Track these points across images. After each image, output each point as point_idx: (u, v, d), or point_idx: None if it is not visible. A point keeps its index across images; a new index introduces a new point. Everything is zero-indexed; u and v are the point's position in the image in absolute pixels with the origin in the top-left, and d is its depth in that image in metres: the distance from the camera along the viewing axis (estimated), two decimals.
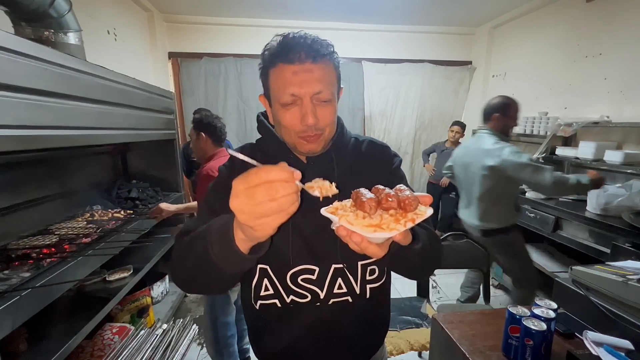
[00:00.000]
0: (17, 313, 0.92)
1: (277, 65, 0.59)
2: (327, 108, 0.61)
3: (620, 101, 2.33)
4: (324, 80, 0.59)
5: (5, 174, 1.41)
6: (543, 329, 0.73)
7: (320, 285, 0.67)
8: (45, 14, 1.31)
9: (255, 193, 0.38)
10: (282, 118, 0.61)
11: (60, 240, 1.30)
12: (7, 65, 0.95)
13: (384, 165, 0.74)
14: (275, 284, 0.68)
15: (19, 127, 0.99)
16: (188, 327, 1.31)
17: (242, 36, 3.48)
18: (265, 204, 0.38)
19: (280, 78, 0.59)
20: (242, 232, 0.44)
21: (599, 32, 2.47)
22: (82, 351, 1.36)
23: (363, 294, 0.70)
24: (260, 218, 0.39)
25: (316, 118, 0.59)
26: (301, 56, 0.57)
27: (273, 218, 0.39)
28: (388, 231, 0.40)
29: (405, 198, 0.44)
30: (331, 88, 0.61)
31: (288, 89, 0.58)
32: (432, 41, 3.79)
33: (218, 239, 0.48)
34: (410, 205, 0.43)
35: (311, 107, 0.59)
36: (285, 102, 0.59)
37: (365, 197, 0.44)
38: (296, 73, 0.58)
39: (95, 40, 2.17)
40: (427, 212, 0.44)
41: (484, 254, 1.71)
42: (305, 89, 0.58)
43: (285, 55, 0.58)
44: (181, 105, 3.51)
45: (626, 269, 0.93)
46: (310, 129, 0.60)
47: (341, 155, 0.71)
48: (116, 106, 1.55)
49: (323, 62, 0.59)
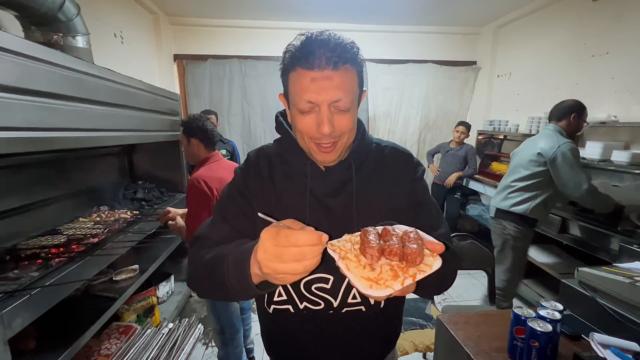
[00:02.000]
0: (26, 312, 0.93)
1: (296, 69, 0.57)
2: (345, 116, 0.59)
3: (628, 101, 2.30)
4: (344, 88, 0.56)
5: (16, 175, 1.44)
6: (549, 330, 0.72)
7: (334, 294, 0.67)
8: (54, 18, 1.34)
9: (284, 254, 0.40)
10: (298, 123, 0.60)
11: (68, 241, 1.32)
12: (17, 69, 0.97)
13: (406, 173, 0.71)
14: (289, 291, 0.68)
15: (29, 129, 1.01)
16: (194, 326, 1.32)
17: (246, 38, 3.50)
18: (291, 265, 0.41)
19: (299, 83, 0.57)
20: (260, 271, 0.45)
21: (606, 31, 2.44)
22: (89, 350, 1.38)
23: (377, 303, 0.69)
24: (283, 274, 0.42)
25: (332, 126, 0.57)
26: (321, 62, 0.54)
27: (295, 276, 0.42)
28: (383, 288, 0.39)
29: (410, 252, 0.42)
30: (351, 96, 0.58)
31: (305, 95, 0.56)
32: (436, 41, 3.78)
33: (235, 270, 0.51)
34: (413, 261, 0.42)
35: (328, 115, 0.57)
36: (302, 109, 0.57)
37: (370, 246, 0.43)
38: (314, 80, 0.55)
39: (102, 43, 2.21)
40: (434, 266, 0.42)
41: (489, 255, 1.70)
42: (323, 96, 0.55)
43: (305, 60, 0.55)
44: (186, 106, 3.54)
45: (633, 271, 0.91)
46: (326, 137, 0.58)
47: (360, 161, 0.69)
48: (123, 108, 1.57)
49: (344, 68, 0.56)
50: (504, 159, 3.25)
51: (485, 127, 3.53)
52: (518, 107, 3.35)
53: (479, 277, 2.90)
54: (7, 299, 0.90)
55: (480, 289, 2.74)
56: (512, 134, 3.20)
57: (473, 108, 3.96)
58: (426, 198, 0.72)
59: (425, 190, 0.73)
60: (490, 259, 1.71)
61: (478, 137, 3.69)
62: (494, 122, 3.40)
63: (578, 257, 2.29)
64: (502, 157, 3.30)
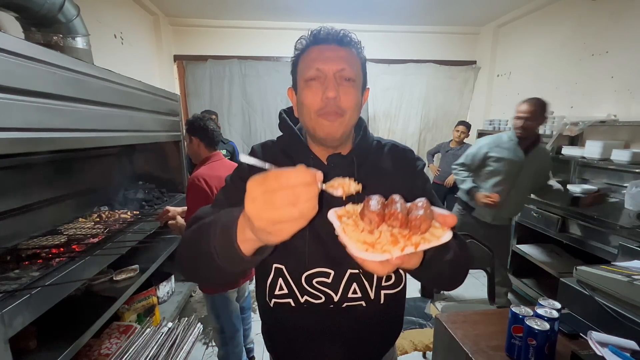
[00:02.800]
0: (27, 311, 0.94)
1: (306, 50, 0.64)
2: (350, 88, 0.62)
3: (628, 100, 2.30)
4: (349, 60, 0.62)
5: (16, 175, 1.45)
6: (546, 328, 0.72)
7: (334, 288, 0.68)
8: (54, 19, 1.34)
9: (275, 198, 0.34)
10: (304, 96, 0.62)
11: (68, 241, 1.33)
12: (18, 70, 0.97)
13: (407, 168, 0.73)
14: (290, 284, 0.69)
15: (29, 130, 1.01)
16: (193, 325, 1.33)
17: (246, 38, 3.51)
18: (286, 210, 0.34)
19: (308, 57, 0.63)
20: (252, 233, 0.40)
21: (605, 30, 2.44)
22: (89, 349, 1.39)
23: (377, 299, 0.70)
24: (279, 224, 0.36)
25: (337, 93, 0.60)
26: (328, 39, 0.62)
27: (292, 224, 0.36)
28: (380, 253, 0.35)
29: (413, 218, 0.37)
30: (355, 70, 0.63)
31: (313, 63, 0.61)
32: (436, 41, 3.78)
33: (221, 236, 0.45)
34: (417, 227, 0.37)
35: (334, 82, 0.60)
36: (310, 76, 0.61)
37: (369, 210, 0.39)
38: (322, 51, 0.62)
39: (102, 44, 2.22)
40: (443, 238, 0.37)
41: (488, 254, 1.70)
42: (329, 64, 0.60)
43: (315, 41, 0.63)
44: (187, 107, 3.55)
45: (631, 269, 0.92)
46: (330, 103, 0.60)
47: (363, 158, 0.71)
48: (123, 108, 1.58)
49: (349, 48, 0.63)
50: None
51: (485, 127, 3.53)
52: None
53: (479, 277, 2.90)
54: (7, 298, 0.90)
55: (480, 289, 2.74)
56: None
57: (473, 107, 3.97)
58: (428, 191, 0.74)
59: (427, 183, 0.75)
60: (490, 258, 1.71)
61: (478, 137, 3.69)
62: (493, 121, 3.40)
63: (578, 256, 2.29)
64: None
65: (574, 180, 2.51)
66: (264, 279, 0.71)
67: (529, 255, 2.41)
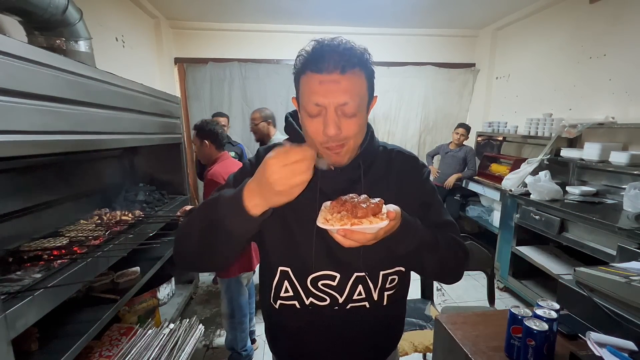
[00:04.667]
0: (28, 313, 0.95)
1: (306, 73, 0.59)
2: (351, 120, 0.59)
3: (626, 102, 2.31)
4: (351, 92, 0.57)
5: (19, 178, 1.45)
6: (545, 329, 0.73)
7: (340, 291, 0.69)
8: (57, 23, 1.36)
9: (295, 168, 0.47)
10: (307, 127, 0.62)
11: (70, 242, 1.33)
12: (21, 73, 0.98)
13: (414, 175, 0.74)
14: (296, 287, 0.69)
15: (32, 133, 1.02)
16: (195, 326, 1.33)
17: (246, 41, 3.53)
18: (301, 177, 0.48)
19: (307, 86, 0.59)
20: (261, 198, 0.51)
21: (603, 33, 2.46)
22: (90, 351, 1.39)
23: (380, 300, 0.71)
24: (295, 187, 0.48)
25: (339, 129, 0.58)
26: (329, 66, 0.56)
27: (301, 187, 0.49)
28: (329, 225, 0.52)
29: (354, 207, 0.54)
30: (357, 100, 0.58)
31: (313, 98, 0.58)
32: (435, 44, 3.80)
33: (230, 204, 0.53)
34: (355, 215, 0.53)
35: (334, 119, 0.58)
36: (310, 111, 0.59)
37: (333, 202, 0.58)
38: (322, 83, 0.57)
39: (104, 47, 2.23)
40: (375, 224, 0.51)
41: (488, 256, 1.71)
42: (329, 99, 0.57)
43: (314, 64, 0.57)
44: (187, 109, 3.56)
45: (630, 270, 0.92)
46: (332, 139, 0.59)
47: (369, 163, 0.71)
48: (124, 111, 1.59)
49: (352, 72, 0.57)
50: (504, 160, 3.26)
51: (484, 129, 3.55)
52: (516, 108, 3.37)
53: (479, 279, 2.90)
54: (10, 300, 0.91)
55: (480, 290, 2.74)
56: (511, 135, 3.22)
57: (472, 110, 3.98)
58: (435, 198, 0.76)
59: (434, 191, 0.77)
60: (490, 260, 1.72)
61: (477, 139, 3.71)
62: (492, 123, 3.42)
63: (577, 257, 2.29)
64: (501, 159, 3.31)
65: (573, 182, 2.52)
66: (269, 281, 0.72)
67: (528, 257, 2.42)
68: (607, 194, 2.30)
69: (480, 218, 3.33)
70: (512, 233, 2.57)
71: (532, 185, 2.34)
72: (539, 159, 2.57)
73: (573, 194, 2.31)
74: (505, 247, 2.67)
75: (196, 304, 2.60)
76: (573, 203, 2.20)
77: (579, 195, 2.27)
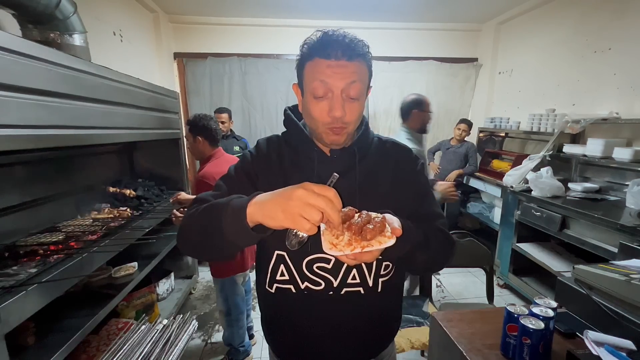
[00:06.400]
0: (23, 307, 0.95)
1: (314, 58, 0.62)
2: (354, 104, 0.64)
3: (630, 97, 2.27)
4: (356, 77, 0.61)
5: (15, 172, 1.45)
6: (541, 327, 0.72)
7: (334, 274, 0.70)
8: (51, 16, 1.34)
9: (320, 201, 0.48)
10: (312, 110, 0.64)
11: (66, 237, 1.33)
12: (14, 67, 0.97)
13: (407, 167, 0.76)
14: (291, 270, 0.71)
15: (26, 127, 1.01)
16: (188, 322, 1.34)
17: (246, 36, 3.50)
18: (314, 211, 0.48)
19: (316, 70, 0.62)
20: (261, 218, 0.51)
21: (608, 26, 2.41)
22: (88, 345, 1.40)
23: (375, 287, 0.72)
24: (300, 216, 0.48)
25: (344, 112, 0.62)
26: (337, 53, 0.60)
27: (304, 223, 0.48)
28: (337, 251, 0.51)
29: (364, 230, 0.53)
30: (361, 86, 0.63)
31: (321, 80, 0.61)
32: (437, 38, 3.75)
33: (232, 217, 0.54)
34: (364, 237, 0.52)
35: (340, 101, 0.62)
36: (317, 94, 0.62)
37: None
38: (330, 67, 0.60)
39: (101, 41, 2.21)
40: (384, 244, 0.51)
41: (487, 253, 1.70)
42: (337, 82, 0.60)
43: (323, 50, 0.61)
44: (187, 104, 3.55)
45: (630, 268, 0.91)
46: (337, 121, 0.63)
47: (364, 152, 0.74)
48: (121, 106, 1.58)
49: (357, 61, 0.62)
50: (505, 156, 3.23)
51: (487, 125, 3.51)
52: (519, 104, 3.33)
53: (479, 275, 2.89)
54: (4, 294, 0.91)
55: (479, 287, 2.73)
56: (514, 131, 3.18)
57: (474, 105, 3.94)
58: (429, 190, 0.78)
59: (427, 183, 0.79)
60: (489, 257, 1.71)
61: (479, 135, 3.67)
62: (495, 119, 3.38)
63: (579, 255, 2.27)
64: (503, 155, 3.28)
65: (576, 179, 2.49)
66: (266, 266, 0.73)
67: (529, 254, 2.40)
68: (610, 190, 2.27)
69: (481, 214, 3.31)
70: (513, 230, 2.55)
71: (534, 181, 2.32)
72: (541, 155, 2.54)
73: (575, 190, 2.29)
74: (505, 243, 2.66)
75: (195, 298, 2.62)
76: (575, 200, 2.18)
77: (581, 192, 2.24)
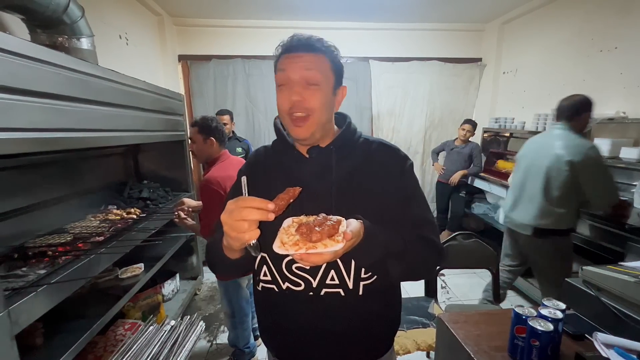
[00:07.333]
0: (32, 308, 0.96)
1: (281, 57, 0.69)
2: (314, 90, 0.66)
3: (637, 96, 2.25)
4: (314, 65, 0.66)
5: (23, 175, 1.47)
6: (550, 329, 0.71)
7: (313, 274, 0.71)
8: (59, 21, 1.36)
9: (237, 224, 0.54)
10: (277, 99, 0.69)
11: (74, 239, 1.35)
12: (23, 71, 0.99)
13: (395, 167, 0.74)
14: (273, 271, 0.73)
15: (34, 130, 1.03)
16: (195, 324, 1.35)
17: (249, 38, 3.51)
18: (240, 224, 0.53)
19: (279, 64, 0.69)
20: (226, 241, 0.59)
21: (614, 25, 2.39)
22: (95, 346, 1.41)
23: (356, 290, 0.71)
24: (239, 224, 0.53)
25: (302, 96, 0.65)
26: (297, 48, 0.67)
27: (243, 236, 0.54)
28: (284, 250, 0.54)
29: (311, 232, 0.55)
30: (320, 75, 0.66)
31: (281, 69, 0.67)
32: (440, 38, 3.74)
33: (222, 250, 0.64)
34: (310, 239, 0.55)
35: (298, 87, 0.66)
36: (278, 82, 0.68)
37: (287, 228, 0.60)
38: (290, 58, 0.67)
39: (107, 44, 2.24)
40: (330, 248, 0.53)
41: (492, 254, 1.69)
42: (294, 69, 0.66)
43: (287, 49, 0.68)
44: (191, 106, 3.57)
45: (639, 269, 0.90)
46: (297, 107, 0.66)
47: (345, 152, 0.73)
48: (127, 108, 1.59)
49: (315, 53, 0.67)
50: (510, 157, 3.21)
51: (491, 125, 3.49)
52: (524, 104, 3.31)
53: (484, 276, 2.87)
54: (14, 295, 0.92)
55: None
56: (519, 131, 3.16)
57: (478, 106, 3.92)
58: (416, 192, 0.76)
59: (416, 184, 0.76)
60: (495, 258, 1.70)
61: (484, 135, 3.65)
62: (499, 119, 3.36)
63: (586, 256, 2.25)
64: (508, 155, 3.26)
65: None
66: (254, 267, 0.78)
67: None
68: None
69: (486, 215, 3.29)
70: None
71: None
72: None
73: None
74: None
75: (201, 299, 2.63)
76: None
77: None
